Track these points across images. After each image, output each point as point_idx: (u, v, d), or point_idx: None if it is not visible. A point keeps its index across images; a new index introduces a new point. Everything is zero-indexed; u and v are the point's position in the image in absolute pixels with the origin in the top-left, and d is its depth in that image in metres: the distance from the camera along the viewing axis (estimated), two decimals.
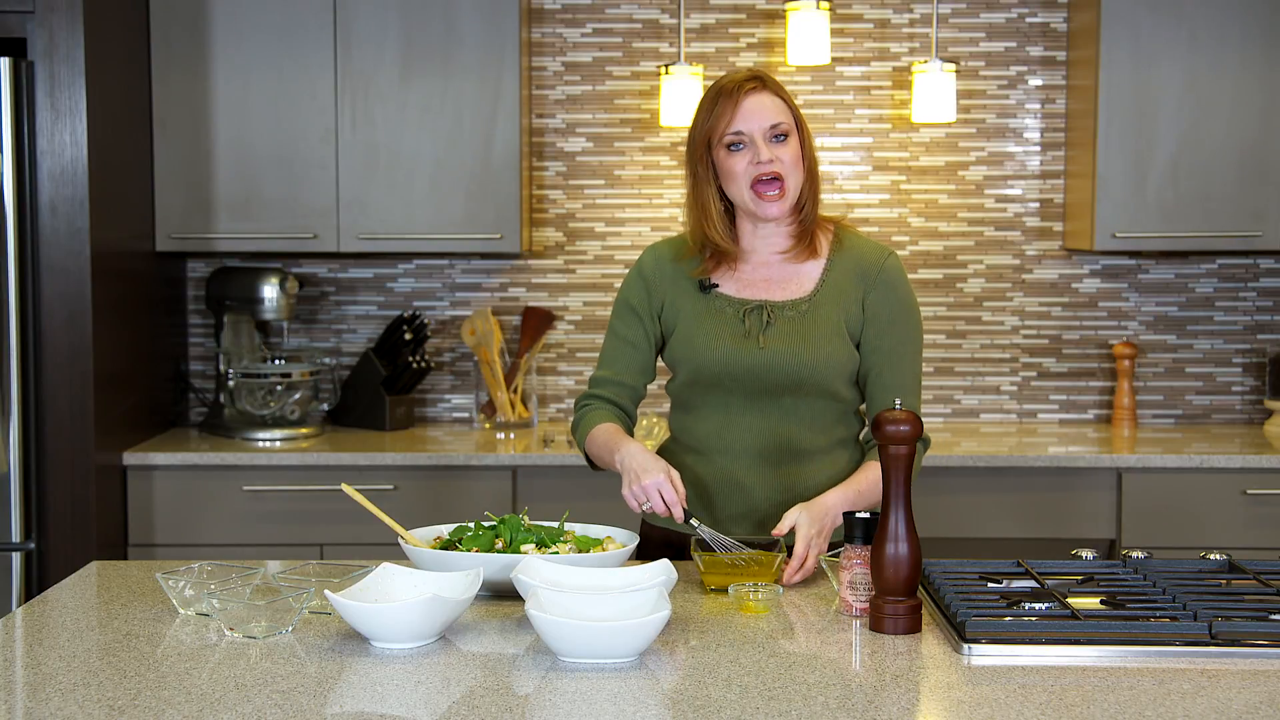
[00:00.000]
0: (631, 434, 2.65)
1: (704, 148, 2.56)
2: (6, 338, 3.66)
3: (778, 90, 2.56)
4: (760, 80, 2.55)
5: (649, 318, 2.63)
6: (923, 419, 2.61)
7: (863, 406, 2.66)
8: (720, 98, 2.54)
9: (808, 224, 2.61)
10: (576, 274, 4.50)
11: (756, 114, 2.52)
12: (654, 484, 2.39)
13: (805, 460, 2.58)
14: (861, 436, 2.68)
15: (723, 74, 2.69)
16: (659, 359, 2.69)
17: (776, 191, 2.54)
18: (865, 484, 2.52)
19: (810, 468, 2.59)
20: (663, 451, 2.69)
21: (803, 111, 2.54)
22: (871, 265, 2.60)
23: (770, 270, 2.61)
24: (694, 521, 2.41)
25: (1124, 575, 2.35)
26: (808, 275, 2.60)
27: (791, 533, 2.43)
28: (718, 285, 2.60)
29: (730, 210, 2.61)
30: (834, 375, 2.55)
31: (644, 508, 2.42)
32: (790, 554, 2.41)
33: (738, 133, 2.52)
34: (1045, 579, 2.32)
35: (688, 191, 2.62)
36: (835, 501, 2.47)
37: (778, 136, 2.53)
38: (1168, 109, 4.11)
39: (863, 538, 2.21)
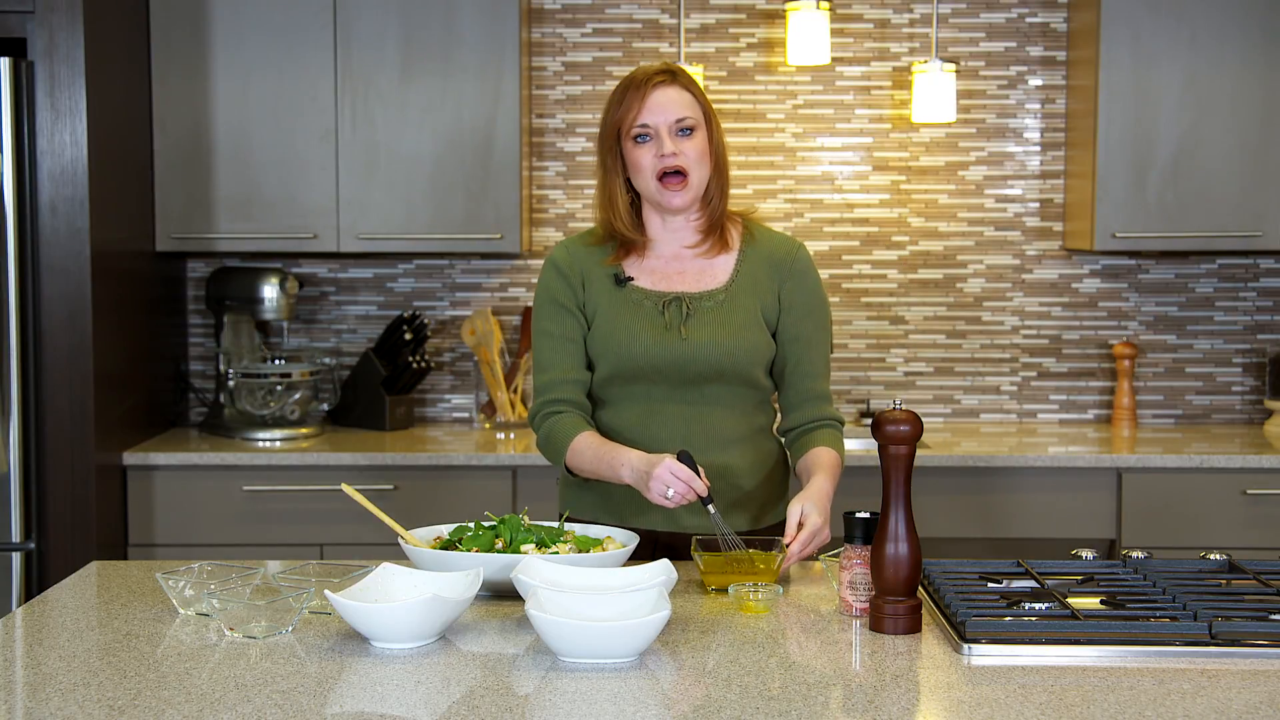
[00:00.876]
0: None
1: (613, 139, 2.60)
2: (6, 338, 3.66)
3: (688, 85, 2.59)
4: (670, 74, 2.58)
5: (576, 309, 2.63)
6: (833, 400, 2.72)
7: (774, 395, 2.70)
8: (629, 90, 2.58)
9: (715, 218, 2.64)
10: None
11: (662, 108, 2.55)
12: (663, 470, 2.37)
13: (727, 449, 2.60)
14: (777, 427, 2.71)
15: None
16: None
17: (680, 182, 2.56)
18: (833, 469, 2.57)
19: (732, 456, 2.60)
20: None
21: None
22: (784, 257, 2.65)
23: (684, 263, 2.64)
24: (711, 508, 2.40)
25: (1124, 575, 2.35)
26: (721, 267, 2.64)
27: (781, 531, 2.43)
28: (633, 279, 2.62)
29: (638, 203, 2.65)
30: (755, 363, 2.60)
31: (668, 495, 2.38)
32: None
33: (644, 125, 2.55)
34: (1045, 579, 2.32)
35: (597, 182, 2.65)
36: (827, 490, 2.51)
37: (683, 130, 2.56)
38: (1168, 109, 4.11)
39: (863, 538, 2.21)
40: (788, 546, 2.37)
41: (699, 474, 2.38)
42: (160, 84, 4.12)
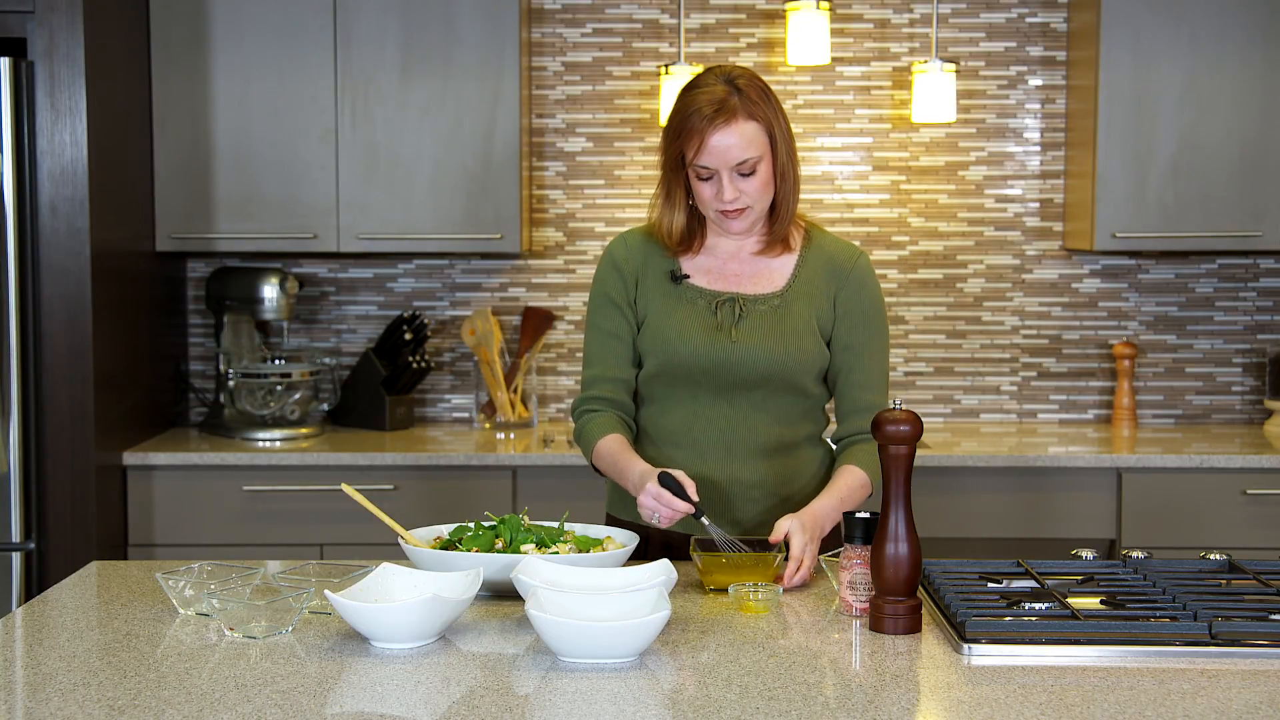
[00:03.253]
0: (634, 430, 2.64)
1: (677, 159, 2.53)
2: (6, 338, 3.66)
3: (749, 110, 2.46)
4: (731, 109, 2.45)
5: (627, 306, 2.60)
6: None
7: (829, 405, 2.67)
8: (691, 120, 2.46)
9: (782, 229, 2.58)
10: (576, 274, 4.50)
11: (723, 152, 2.46)
12: (645, 499, 2.38)
13: (772, 456, 2.58)
14: (830, 435, 2.68)
15: (704, 73, 2.57)
16: None
17: (740, 213, 2.52)
18: (847, 490, 2.52)
19: (777, 463, 2.59)
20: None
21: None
22: (844, 263, 2.60)
23: (741, 265, 2.60)
24: (705, 520, 2.40)
25: (1124, 575, 2.35)
26: (779, 270, 2.60)
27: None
28: (689, 276, 2.59)
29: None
30: (804, 371, 2.55)
31: (655, 520, 2.40)
32: (786, 555, 2.40)
33: (704, 166, 2.48)
34: (1045, 579, 2.32)
35: (660, 181, 2.59)
36: (825, 510, 2.46)
37: (744, 173, 2.49)
38: (1168, 109, 4.11)
39: (863, 538, 2.21)
40: (781, 555, 2.36)
41: (684, 490, 2.37)
42: (160, 84, 4.12)
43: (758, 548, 2.38)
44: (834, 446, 2.65)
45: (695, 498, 2.38)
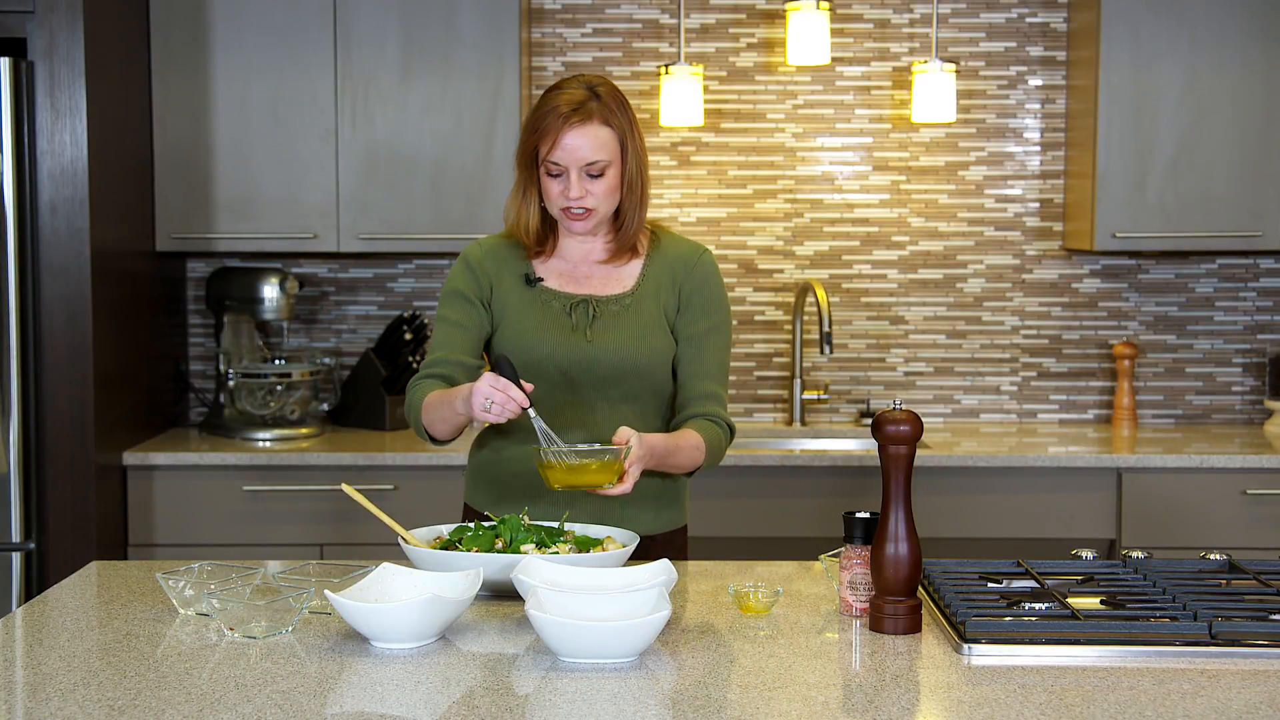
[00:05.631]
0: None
1: (530, 155, 2.62)
2: (6, 338, 3.66)
3: (606, 117, 2.56)
4: (587, 111, 2.55)
5: (480, 304, 2.65)
6: (727, 407, 2.72)
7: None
8: (547, 118, 2.57)
9: (626, 240, 2.66)
10: None
11: (574, 150, 2.55)
12: (481, 384, 2.36)
13: None
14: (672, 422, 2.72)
15: (561, 81, 2.65)
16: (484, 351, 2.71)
17: (583, 215, 2.60)
18: (682, 440, 2.56)
19: None
20: (484, 448, 2.74)
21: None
22: (688, 258, 2.70)
23: (592, 268, 2.68)
24: (532, 413, 2.40)
25: (1124, 575, 2.35)
26: (628, 273, 2.68)
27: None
28: (542, 279, 2.66)
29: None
30: (657, 365, 2.63)
31: (489, 408, 2.36)
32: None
33: (555, 163, 2.57)
34: (1045, 579, 2.32)
35: (516, 179, 2.68)
36: (659, 441, 2.50)
37: (593, 174, 2.57)
38: (1168, 109, 4.11)
39: (863, 538, 2.21)
40: (628, 448, 2.39)
41: (519, 383, 2.38)
42: (160, 84, 4.12)
43: (594, 457, 2.38)
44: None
45: (529, 388, 2.40)
